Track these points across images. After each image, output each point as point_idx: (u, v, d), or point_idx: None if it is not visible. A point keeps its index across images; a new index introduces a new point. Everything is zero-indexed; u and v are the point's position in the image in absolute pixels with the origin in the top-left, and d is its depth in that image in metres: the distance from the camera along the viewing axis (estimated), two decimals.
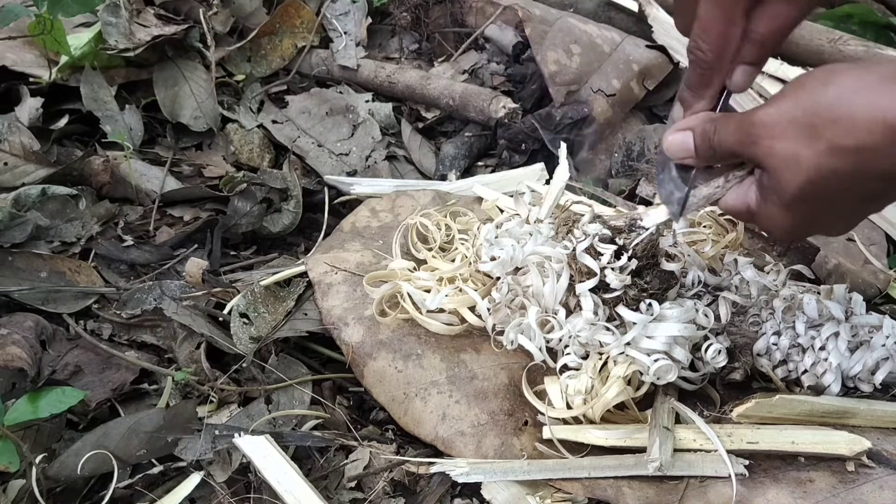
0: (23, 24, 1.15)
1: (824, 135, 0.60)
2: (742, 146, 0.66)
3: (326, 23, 1.38)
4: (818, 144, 0.60)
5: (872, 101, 0.58)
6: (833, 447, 0.76)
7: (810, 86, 0.62)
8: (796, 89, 0.63)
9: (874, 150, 0.58)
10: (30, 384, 0.83)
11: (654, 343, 0.78)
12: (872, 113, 0.57)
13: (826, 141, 0.60)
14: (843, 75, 0.60)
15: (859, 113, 0.58)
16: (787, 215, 0.66)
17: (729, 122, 0.68)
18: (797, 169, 0.62)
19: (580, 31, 1.32)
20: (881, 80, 0.58)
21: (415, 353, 0.86)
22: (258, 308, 0.92)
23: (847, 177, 0.61)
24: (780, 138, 0.62)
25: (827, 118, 0.60)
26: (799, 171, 0.62)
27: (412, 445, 0.83)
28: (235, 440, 0.77)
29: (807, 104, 0.61)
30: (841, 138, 0.59)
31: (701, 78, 0.70)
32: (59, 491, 0.77)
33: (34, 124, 1.11)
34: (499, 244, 0.88)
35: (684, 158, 0.72)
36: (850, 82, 0.59)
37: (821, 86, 0.61)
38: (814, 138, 0.60)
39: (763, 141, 0.64)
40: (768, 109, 0.64)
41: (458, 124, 1.31)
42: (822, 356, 0.82)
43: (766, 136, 0.63)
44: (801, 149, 0.61)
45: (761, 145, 0.64)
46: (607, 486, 0.75)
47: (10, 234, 0.96)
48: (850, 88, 0.59)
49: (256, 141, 1.23)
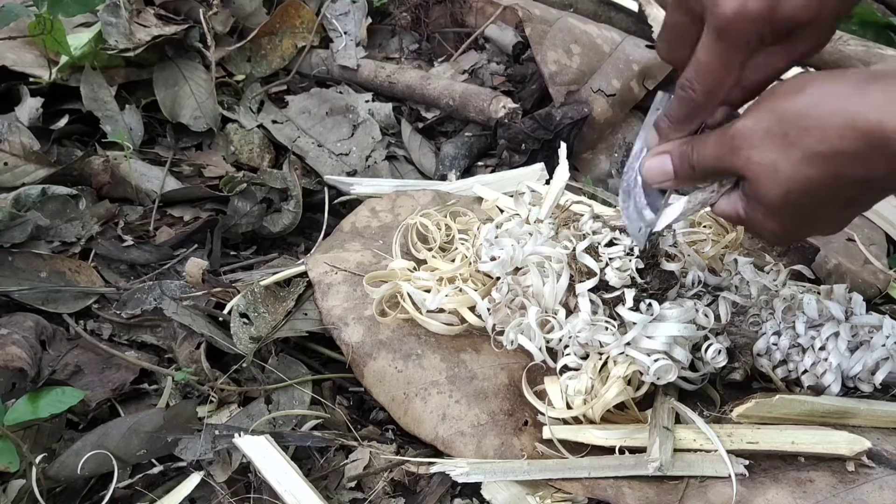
0: (23, 24, 1.15)
1: (798, 143, 0.60)
2: (721, 160, 0.66)
3: (326, 23, 1.38)
4: (794, 153, 0.61)
5: (842, 107, 0.58)
6: (833, 447, 0.76)
7: (782, 95, 0.62)
8: (769, 99, 0.63)
9: (847, 155, 0.59)
10: (30, 384, 0.83)
11: (654, 343, 0.78)
12: (843, 119, 0.58)
13: (801, 149, 0.60)
14: (814, 83, 0.61)
15: (830, 120, 0.58)
16: (773, 222, 0.67)
17: (706, 140, 0.68)
18: (776, 178, 0.62)
19: (580, 31, 1.32)
20: (851, 87, 0.58)
21: (415, 353, 0.86)
22: (258, 308, 0.92)
23: (824, 184, 0.61)
24: (757, 148, 0.63)
25: (799, 126, 0.60)
26: (778, 181, 0.62)
27: (412, 445, 0.83)
28: (235, 440, 0.77)
29: (780, 113, 0.61)
30: (814, 146, 0.59)
31: (686, 115, 0.70)
32: (59, 491, 0.77)
33: (34, 124, 1.11)
34: (499, 244, 0.88)
35: (663, 182, 0.72)
36: (821, 90, 0.60)
37: (792, 94, 0.61)
38: (789, 147, 0.61)
39: (741, 152, 0.64)
40: (745, 121, 0.64)
41: (458, 124, 1.31)
42: (822, 356, 0.83)
43: (744, 147, 0.64)
44: (777, 158, 0.62)
45: (740, 156, 0.64)
46: (607, 486, 0.75)
47: (10, 234, 0.96)
48: (820, 96, 0.60)
49: (256, 141, 1.23)
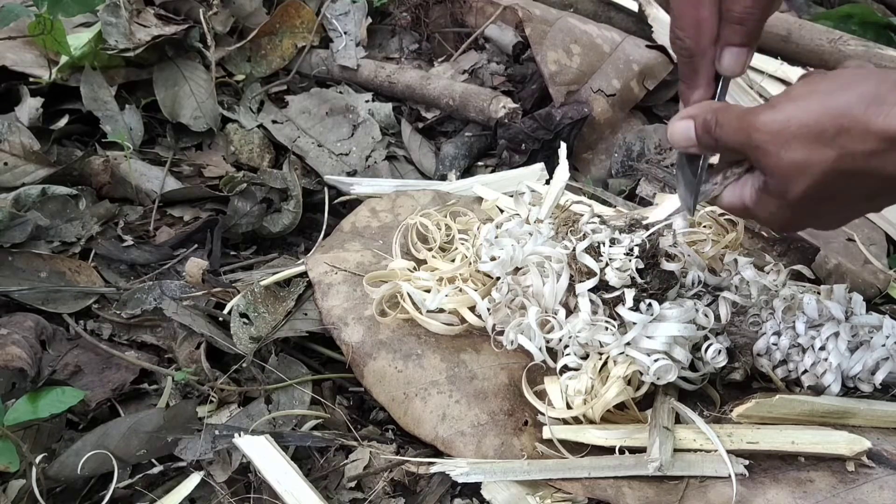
0: (23, 24, 1.15)
1: (836, 141, 0.60)
2: (745, 148, 0.66)
3: (326, 23, 1.38)
4: (829, 151, 0.61)
5: (886, 110, 0.58)
6: (833, 447, 0.76)
7: (821, 91, 0.62)
8: (805, 94, 0.63)
9: (885, 155, 0.59)
10: (30, 384, 0.83)
11: (654, 343, 0.78)
12: (886, 121, 0.58)
13: (838, 147, 0.60)
14: (857, 82, 0.60)
15: (873, 121, 0.59)
16: (788, 212, 0.67)
17: (731, 118, 0.67)
18: (805, 173, 0.62)
19: (580, 31, 1.32)
20: (889, 87, 0.59)
21: (415, 353, 0.86)
22: (258, 308, 0.92)
23: (853, 178, 0.62)
24: (787, 147, 0.62)
25: (840, 125, 0.60)
26: (806, 176, 0.62)
27: (412, 445, 0.83)
28: (235, 440, 0.77)
29: (818, 110, 0.61)
30: (853, 145, 0.60)
31: (688, 66, 0.70)
32: (59, 491, 0.77)
33: (34, 124, 1.11)
34: (499, 244, 0.88)
35: (687, 147, 0.72)
36: (864, 89, 0.60)
37: (835, 91, 0.61)
38: (824, 145, 0.61)
39: (769, 148, 0.63)
40: (775, 115, 0.63)
41: (458, 124, 1.31)
42: (822, 356, 0.82)
43: (772, 144, 0.63)
44: (810, 155, 0.61)
45: (769, 153, 0.64)
46: (607, 486, 0.75)
47: (10, 234, 0.96)
48: (863, 96, 0.59)
49: (256, 141, 1.23)
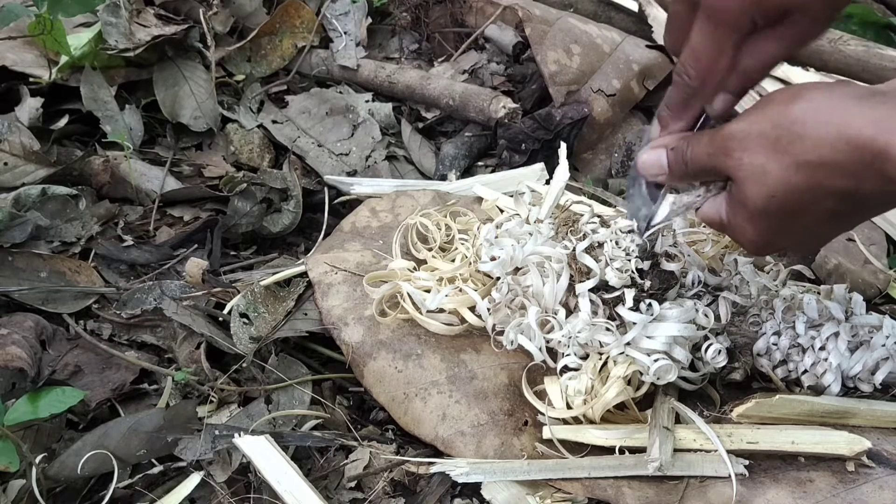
0: (23, 24, 1.15)
1: (790, 149, 0.61)
2: (713, 158, 0.67)
3: (326, 23, 1.38)
4: (784, 159, 0.61)
5: (839, 119, 0.59)
6: (833, 447, 0.76)
7: (780, 101, 0.63)
8: (767, 104, 0.64)
9: (835, 167, 0.59)
10: (30, 384, 0.83)
11: (654, 343, 0.78)
12: (837, 130, 0.59)
13: (791, 155, 0.61)
14: (813, 92, 0.62)
15: (825, 130, 0.59)
16: (752, 228, 0.68)
17: (701, 137, 0.69)
18: (763, 181, 0.63)
19: (580, 31, 1.32)
20: (849, 100, 0.59)
21: (415, 353, 0.86)
22: (258, 308, 0.92)
23: (809, 193, 0.62)
24: (749, 151, 0.64)
25: (793, 133, 0.61)
26: (764, 184, 0.63)
27: (412, 445, 0.83)
28: (235, 440, 0.77)
29: (775, 118, 0.62)
30: (805, 154, 0.60)
31: (683, 101, 0.71)
32: (59, 491, 0.77)
33: (34, 124, 1.11)
34: (499, 244, 0.88)
35: (657, 175, 0.73)
36: (819, 99, 0.61)
37: (790, 101, 0.62)
38: (780, 152, 0.62)
39: (734, 153, 0.65)
40: (740, 123, 0.65)
41: (458, 124, 1.31)
42: (822, 356, 0.82)
43: (736, 149, 0.64)
44: (768, 162, 0.62)
45: (732, 157, 0.65)
46: (607, 485, 0.75)
47: (10, 234, 0.96)
48: (818, 105, 0.60)
49: (256, 141, 1.23)
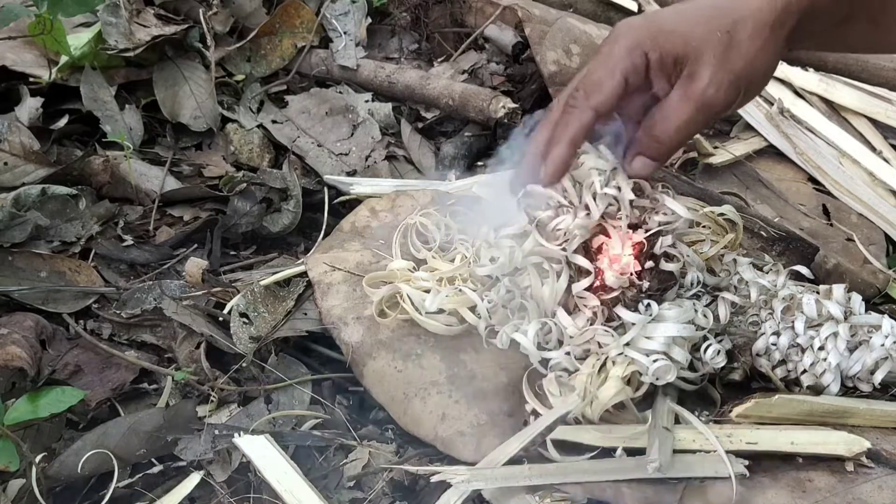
0: (23, 24, 1.15)
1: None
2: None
3: (326, 23, 1.38)
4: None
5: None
6: (832, 447, 0.77)
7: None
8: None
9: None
10: (30, 384, 0.83)
11: (652, 343, 0.78)
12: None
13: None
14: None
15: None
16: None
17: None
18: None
19: (580, 31, 1.32)
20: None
21: (414, 353, 0.86)
22: (258, 308, 0.92)
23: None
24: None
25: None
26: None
27: (412, 445, 0.83)
28: (235, 440, 0.77)
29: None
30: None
31: (576, 122, 0.75)
32: (59, 491, 0.77)
33: (34, 124, 1.11)
34: (498, 245, 0.88)
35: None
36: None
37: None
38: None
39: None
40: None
41: (457, 124, 1.31)
42: (822, 356, 0.82)
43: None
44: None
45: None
46: (607, 486, 0.75)
47: (10, 234, 0.96)
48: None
49: (256, 141, 1.23)
